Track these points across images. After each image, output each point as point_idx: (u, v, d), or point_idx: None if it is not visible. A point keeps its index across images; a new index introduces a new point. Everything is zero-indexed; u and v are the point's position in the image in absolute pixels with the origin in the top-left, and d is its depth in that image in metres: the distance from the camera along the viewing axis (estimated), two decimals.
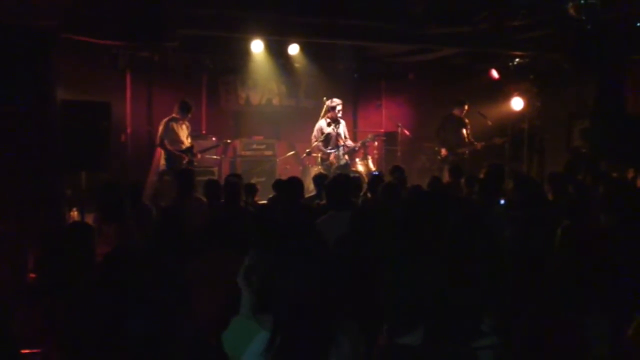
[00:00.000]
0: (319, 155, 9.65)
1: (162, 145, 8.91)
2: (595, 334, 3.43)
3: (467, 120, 10.47)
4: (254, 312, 2.37)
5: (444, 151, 10.29)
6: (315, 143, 9.58)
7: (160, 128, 8.99)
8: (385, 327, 2.51)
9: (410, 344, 2.41)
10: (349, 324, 2.50)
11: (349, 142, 9.76)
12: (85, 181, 7.01)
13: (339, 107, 9.63)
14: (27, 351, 3.21)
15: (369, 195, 6.93)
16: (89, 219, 6.27)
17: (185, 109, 9.14)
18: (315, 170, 9.26)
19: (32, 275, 4.55)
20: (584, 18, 7.62)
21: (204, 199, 6.24)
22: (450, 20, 9.12)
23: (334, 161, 9.50)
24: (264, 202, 7.31)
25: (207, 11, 8.53)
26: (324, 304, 2.38)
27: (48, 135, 6.59)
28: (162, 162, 8.98)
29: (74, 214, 7.21)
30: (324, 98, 9.90)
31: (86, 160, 6.60)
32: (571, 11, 7.56)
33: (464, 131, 10.34)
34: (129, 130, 10.45)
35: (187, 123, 9.25)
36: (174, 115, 9.08)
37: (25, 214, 5.87)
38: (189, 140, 9.28)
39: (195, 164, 9.28)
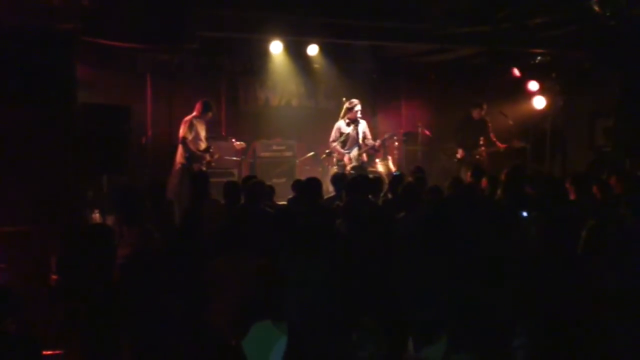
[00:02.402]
0: (336, 155, 9.63)
1: (185, 143, 8.98)
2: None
3: (488, 121, 10.38)
4: (273, 318, 2.35)
5: (460, 152, 10.22)
6: (334, 144, 9.56)
7: (183, 126, 9.07)
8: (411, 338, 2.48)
9: (432, 357, 2.38)
10: (372, 325, 2.48)
11: (369, 141, 9.73)
12: (106, 184, 7.06)
13: (358, 108, 9.59)
14: (49, 352, 3.24)
15: (389, 195, 6.90)
16: (110, 221, 6.32)
17: (207, 108, 9.22)
18: (334, 171, 9.24)
19: (54, 277, 4.59)
20: (608, 14, 7.52)
21: (221, 201, 6.26)
22: (470, 19, 9.05)
23: (349, 161, 9.48)
24: (284, 203, 7.31)
25: (226, 12, 8.56)
26: (343, 308, 2.36)
27: (69, 138, 6.67)
28: (183, 160, 9.03)
29: (96, 216, 7.27)
30: (343, 99, 9.88)
31: (107, 163, 6.65)
32: (595, 7, 7.46)
33: (484, 133, 10.24)
34: (149, 133, 10.50)
35: (205, 124, 9.31)
36: (195, 114, 9.16)
37: (47, 216, 5.94)
38: (206, 141, 9.34)
39: (213, 164, 9.30)
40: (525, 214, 4.98)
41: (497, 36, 9.45)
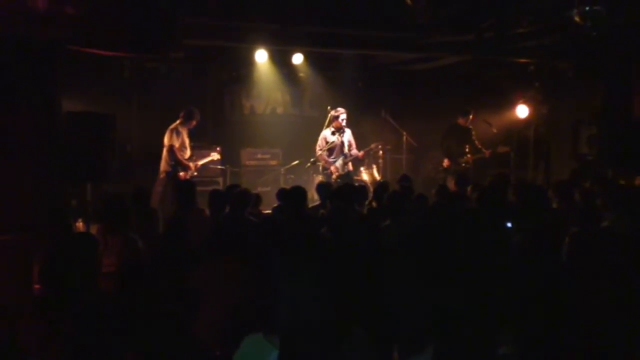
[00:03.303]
0: (322, 164, 9.65)
1: (172, 151, 8.94)
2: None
3: (472, 129, 10.46)
4: (264, 332, 2.34)
5: (446, 161, 10.28)
6: (320, 152, 9.58)
7: (169, 134, 9.04)
8: (397, 347, 2.49)
9: None
10: (360, 335, 2.48)
11: (354, 151, 9.75)
12: (90, 192, 7.02)
13: (343, 117, 9.63)
14: None
15: (374, 204, 6.92)
16: (94, 230, 6.28)
17: (191, 116, 9.18)
18: (319, 179, 9.25)
19: (37, 286, 4.55)
20: (589, 25, 7.62)
21: (206, 210, 6.25)
22: (454, 28, 9.13)
23: (335, 171, 9.49)
24: (269, 211, 7.31)
25: (211, 21, 8.57)
26: (332, 318, 2.35)
27: (53, 146, 6.63)
28: (168, 168, 8.99)
29: (79, 225, 7.22)
30: (329, 107, 9.91)
31: (91, 171, 6.61)
32: (576, 18, 7.55)
33: (469, 140, 10.32)
34: (134, 141, 10.48)
35: (190, 132, 9.29)
36: (180, 122, 9.13)
37: (30, 225, 5.88)
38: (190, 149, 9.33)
39: (196, 173, 9.28)
40: (509, 224, 5.01)
41: (481, 45, 9.53)
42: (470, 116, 10.37)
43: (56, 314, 3.28)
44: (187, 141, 9.20)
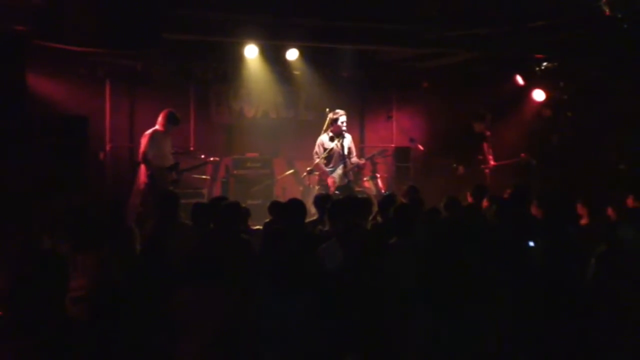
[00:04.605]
0: (319, 174, 9.65)
1: (146, 161, 8.86)
2: None
3: (489, 135, 10.48)
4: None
5: (461, 169, 10.29)
6: (317, 160, 9.58)
7: (144, 141, 8.93)
8: None
9: None
10: None
11: (354, 159, 9.76)
12: (59, 205, 7.01)
13: (343, 119, 9.63)
14: None
15: (379, 219, 6.90)
16: (63, 248, 6.25)
17: (172, 121, 9.08)
18: (317, 191, 9.24)
19: None
20: (620, 16, 7.63)
21: (190, 225, 6.23)
22: (468, 21, 9.16)
23: (333, 182, 9.48)
24: (259, 227, 7.29)
25: (194, 13, 8.58)
26: (326, 345, 2.35)
27: (17, 153, 6.62)
28: (145, 180, 8.95)
29: (46, 242, 7.19)
30: (327, 109, 9.91)
31: (60, 181, 6.61)
32: (605, 9, 7.56)
33: (485, 147, 10.35)
34: (108, 147, 10.48)
35: (170, 137, 9.22)
36: (158, 127, 9.05)
37: None
38: (171, 156, 9.25)
39: (181, 184, 9.25)
40: (532, 243, 5.00)
41: (497, 40, 9.56)
42: (487, 120, 10.40)
43: (18, 343, 3.26)
44: (166, 148, 9.13)
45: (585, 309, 3.84)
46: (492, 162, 10.24)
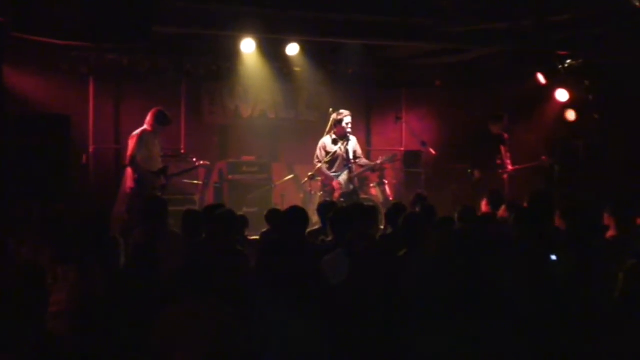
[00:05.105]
0: (322, 179, 9.65)
1: (134, 164, 8.87)
2: None
3: (506, 137, 10.48)
4: None
5: (477, 173, 10.28)
6: (319, 164, 9.58)
7: (132, 143, 8.94)
8: None
9: None
10: None
11: (363, 160, 9.76)
12: (38, 212, 7.02)
13: (348, 121, 9.64)
14: None
15: (388, 229, 6.91)
16: (43, 259, 6.25)
17: (161, 120, 9.09)
18: (320, 197, 9.25)
19: None
20: None
21: (180, 234, 6.24)
22: (484, 14, 9.16)
23: (338, 187, 9.48)
24: (256, 237, 7.29)
25: (187, 4, 8.61)
26: None
27: None
28: (132, 184, 8.95)
29: (25, 252, 7.20)
30: (330, 109, 9.93)
31: (40, 186, 6.62)
32: (635, 2, 7.56)
33: (503, 150, 10.35)
34: (92, 149, 10.49)
35: (159, 139, 9.23)
36: (147, 127, 9.07)
37: None
38: (160, 160, 9.26)
39: (170, 189, 9.25)
40: (554, 257, 5.00)
41: (517, 35, 9.56)
42: (505, 122, 10.40)
43: None
44: (155, 150, 9.15)
45: (613, 329, 3.83)
46: (510, 167, 10.24)
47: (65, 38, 8.09)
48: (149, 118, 9.08)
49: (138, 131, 9.02)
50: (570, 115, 11.26)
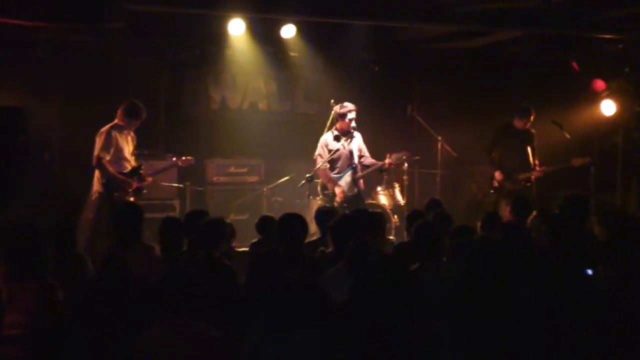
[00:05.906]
0: (322, 181, 9.62)
1: (100, 165, 8.84)
2: None
3: (533, 134, 10.43)
4: None
5: (498, 175, 10.23)
6: (320, 164, 9.55)
7: (99, 140, 8.91)
8: None
9: None
10: None
11: (369, 159, 9.73)
12: None
13: (352, 116, 9.60)
14: None
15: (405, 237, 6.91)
16: None
17: (133, 114, 9.06)
18: (319, 203, 9.22)
19: None
20: None
21: (156, 247, 6.22)
22: None
23: (340, 191, 9.44)
24: (245, 249, 7.26)
25: None
26: None
27: None
28: (100, 188, 8.93)
29: None
30: (332, 101, 9.90)
31: None
32: None
33: (529, 149, 10.30)
34: (54, 147, 10.44)
35: (132, 135, 9.19)
36: (117, 122, 9.03)
37: None
38: (134, 158, 9.21)
39: (145, 191, 9.21)
40: (590, 271, 5.00)
41: (546, 15, 9.54)
42: (531, 116, 10.36)
43: None
44: (126, 149, 9.11)
45: None
46: (537, 169, 10.19)
47: (25, 18, 8.07)
48: (119, 111, 9.03)
49: (106, 127, 8.97)
50: (608, 108, 11.24)
